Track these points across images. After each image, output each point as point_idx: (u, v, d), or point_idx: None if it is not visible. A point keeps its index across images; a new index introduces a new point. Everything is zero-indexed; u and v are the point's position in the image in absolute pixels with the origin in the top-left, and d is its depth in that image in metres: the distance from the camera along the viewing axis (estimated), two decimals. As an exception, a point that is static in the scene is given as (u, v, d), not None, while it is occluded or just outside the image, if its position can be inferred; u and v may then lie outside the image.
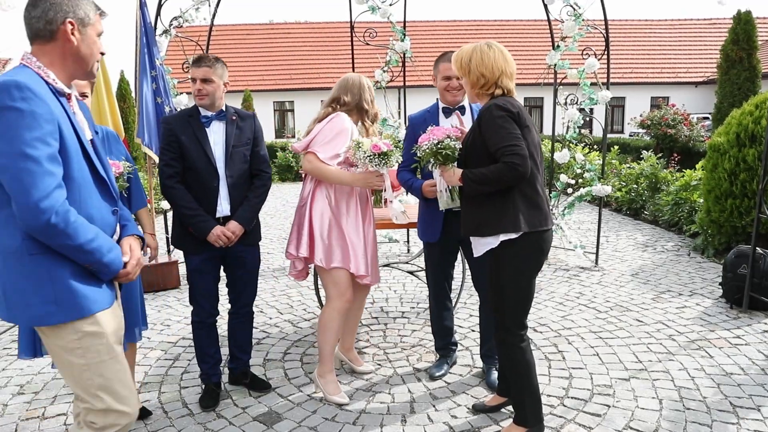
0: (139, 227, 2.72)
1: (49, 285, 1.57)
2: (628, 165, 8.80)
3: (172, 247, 5.21)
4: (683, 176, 6.86)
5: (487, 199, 2.26)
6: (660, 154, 9.15)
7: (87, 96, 2.44)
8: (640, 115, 12.38)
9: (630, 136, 15.65)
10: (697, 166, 6.85)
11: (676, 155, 9.64)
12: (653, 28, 22.32)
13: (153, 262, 4.80)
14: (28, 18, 1.61)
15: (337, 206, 2.74)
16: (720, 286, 4.32)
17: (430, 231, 2.87)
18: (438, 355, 3.19)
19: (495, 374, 3.02)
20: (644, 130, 12.33)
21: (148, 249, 2.71)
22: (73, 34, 1.60)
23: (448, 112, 2.90)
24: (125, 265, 1.71)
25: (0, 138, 1.47)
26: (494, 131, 2.17)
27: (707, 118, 15.20)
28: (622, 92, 19.93)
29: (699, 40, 21.72)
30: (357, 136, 2.73)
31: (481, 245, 2.33)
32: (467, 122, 2.89)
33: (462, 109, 2.91)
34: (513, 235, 2.22)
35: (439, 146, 2.39)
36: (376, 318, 4.05)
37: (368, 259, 2.82)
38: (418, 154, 2.48)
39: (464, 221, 2.37)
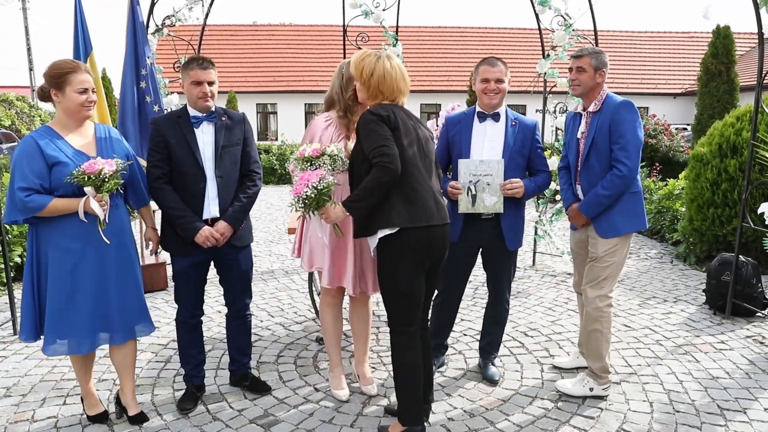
0: (142, 222, 2.70)
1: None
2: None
3: (159, 247, 5.13)
4: (666, 185, 7.02)
5: None
6: (642, 164, 9.33)
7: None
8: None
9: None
10: (680, 175, 7.01)
11: (657, 165, 9.85)
12: (634, 40, 22.80)
13: (158, 254, 4.74)
14: None
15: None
16: (703, 293, 4.43)
17: (450, 230, 2.86)
18: None
19: (492, 368, 3.12)
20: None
21: (151, 242, 2.69)
22: None
23: (482, 117, 2.91)
24: None
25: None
26: (366, 135, 2.24)
27: (686, 128, 15.56)
28: (603, 102, 20.23)
29: (678, 53, 22.24)
30: (318, 141, 2.60)
31: (370, 245, 2.38)
32: (501, 130, 2.90)
33: (497, 116, 2.91)
34: (388, 231, 2.26)
35: (320, 186, 2.29)
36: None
37: (347, 268, 2.71)
38: (299, 205, 2.35)
39: (353, 223, 2.38)
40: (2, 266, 4.46)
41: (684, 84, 20.55)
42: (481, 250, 3.04)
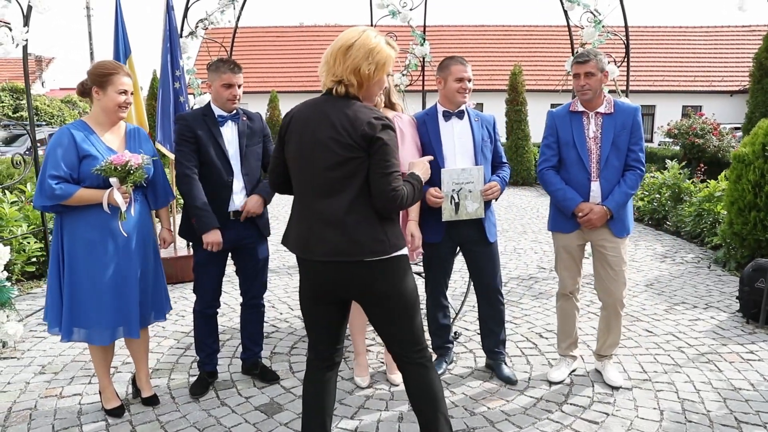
0: (158, 222, 2.83)
1: None
2: (651, 174, 8.63)
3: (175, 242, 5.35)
4: (707, 187, 6.72)
5: None
6: (683, 163, 8.94)
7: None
8: (668, 124, 12.13)
9: (659, 145, 15.33)
10: (720, 176, 6.70)
11: (702, 165, 9.42)
12: (687, 35, 21.82)
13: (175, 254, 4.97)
14: None
15: None
16: (737, 300, 4.24)
17: (433, 231, 2.92)
18: (436, 355, 3.23)
19: (506, 369, 3.11)
20: (671, 140, 12.07)
21: (164, 242, 2.81)
22: None
23: (447, 116, 2.94)
24: None
25: None
26: None
27: (739, 128, 14.76)
28: (653, 100, 19.52)
29: (735, 48, 21.12)
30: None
31: None
32: (467, 127, 2.93)
33: (461, 114, 2.95)
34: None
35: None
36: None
37: None
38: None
39: None
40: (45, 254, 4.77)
41: (742, 81, 19.50)
42: (462, 251, 3.06)
